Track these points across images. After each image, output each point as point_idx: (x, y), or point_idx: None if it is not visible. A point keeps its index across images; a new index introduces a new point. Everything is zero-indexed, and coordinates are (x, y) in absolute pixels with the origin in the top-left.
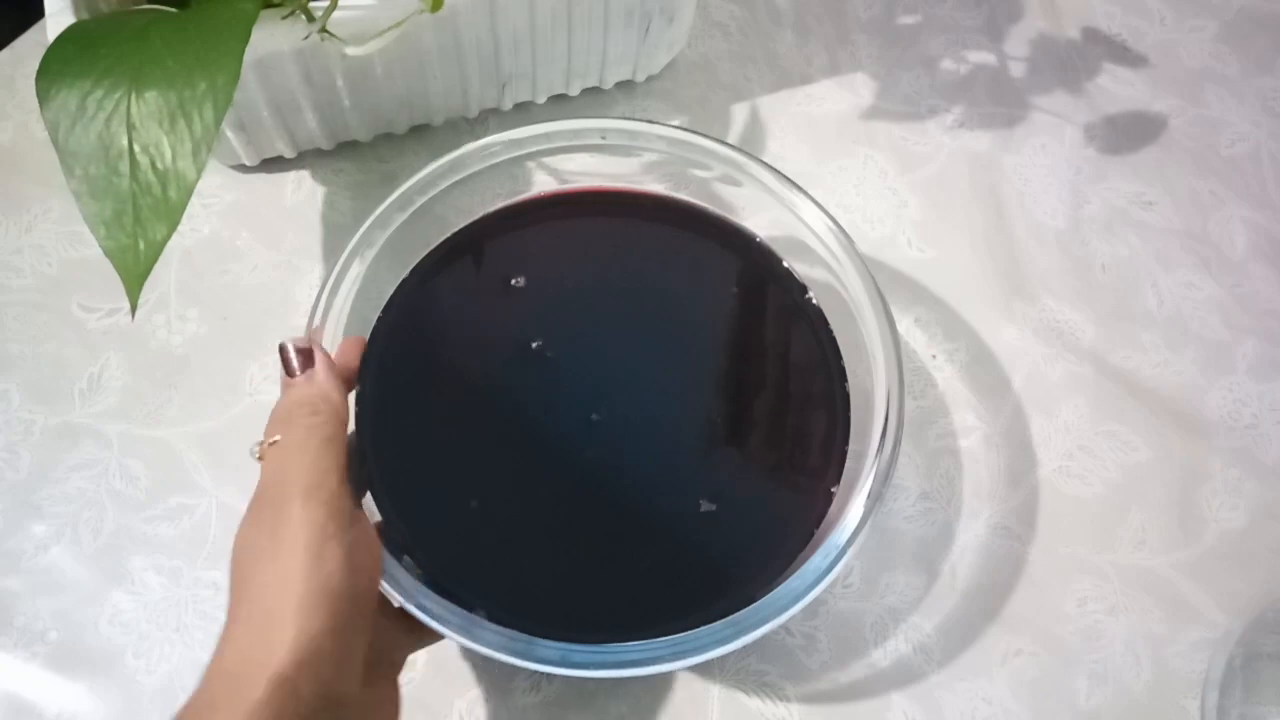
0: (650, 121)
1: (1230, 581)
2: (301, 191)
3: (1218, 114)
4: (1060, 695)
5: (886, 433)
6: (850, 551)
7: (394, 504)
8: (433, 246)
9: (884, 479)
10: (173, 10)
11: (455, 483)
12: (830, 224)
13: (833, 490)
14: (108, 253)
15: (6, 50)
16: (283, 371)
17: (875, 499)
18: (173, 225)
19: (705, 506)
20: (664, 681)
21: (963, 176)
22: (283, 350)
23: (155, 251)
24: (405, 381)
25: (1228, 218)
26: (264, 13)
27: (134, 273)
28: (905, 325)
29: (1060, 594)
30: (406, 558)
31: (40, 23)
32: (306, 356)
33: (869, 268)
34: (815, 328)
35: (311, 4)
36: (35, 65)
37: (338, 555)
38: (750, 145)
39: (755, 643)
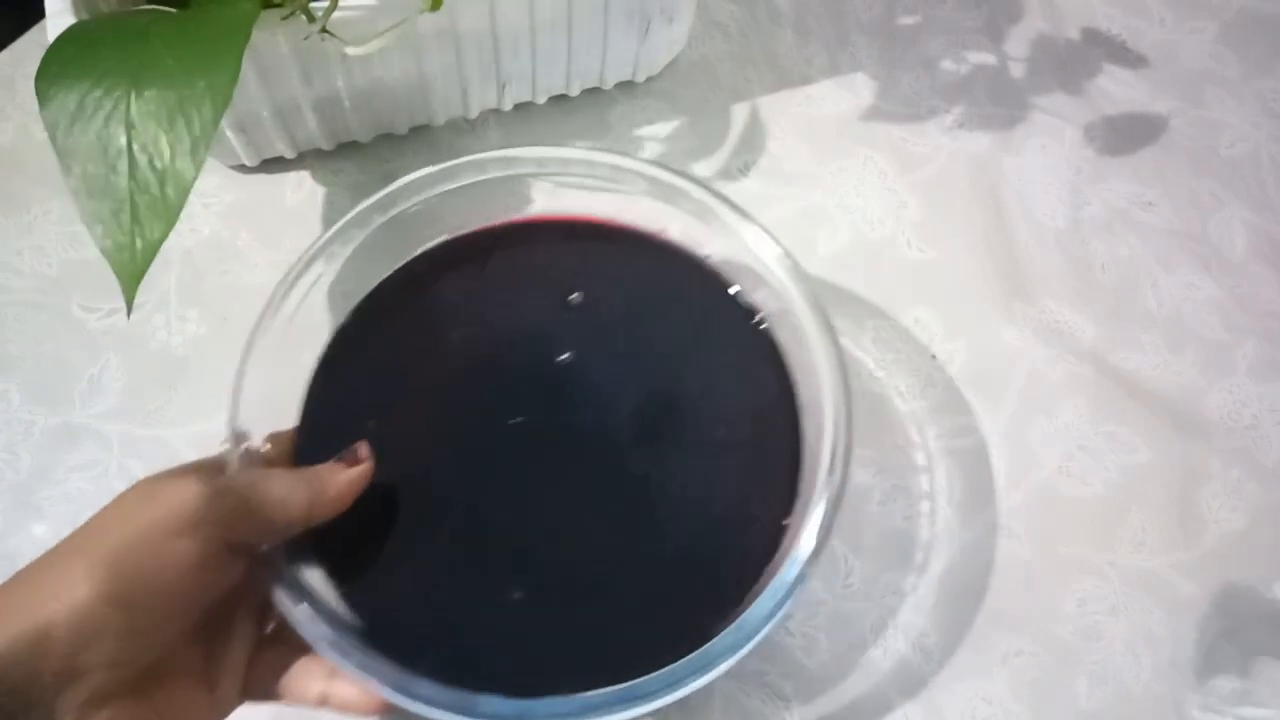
0: (608, 151)
1: (1230, 582)
2: (302, 192)
3: (1217, 115)
4: (1060, 695)
5: (835, 465)
6: (803, 585)
7: (330, 557)
8: (376, 283)
9: (834, 510)
10: (172, 10)
11: (394, 533)
12: (776, 251)
13: (785, 523)
14: (104, 251)
15: (6, 51)
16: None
17: (826, 531)
18: (170, 224)
19: (654, 548)
20: None
21: (962, 177)
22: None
23: (152, 250)
24: (343, 426)
25: (1227, 219)
26: (264, 13)
27: (130, 271)
28: (905, 325)
29: (1060, 594)
30: (347, 614)
31: (40, 23)
32: (354, 460)
33: (815, 293)
34: (767, 356)
35: (312, 4)
36: (35, 66)
37: (187, 552)
38: (750, 145)
39: (755, 642)
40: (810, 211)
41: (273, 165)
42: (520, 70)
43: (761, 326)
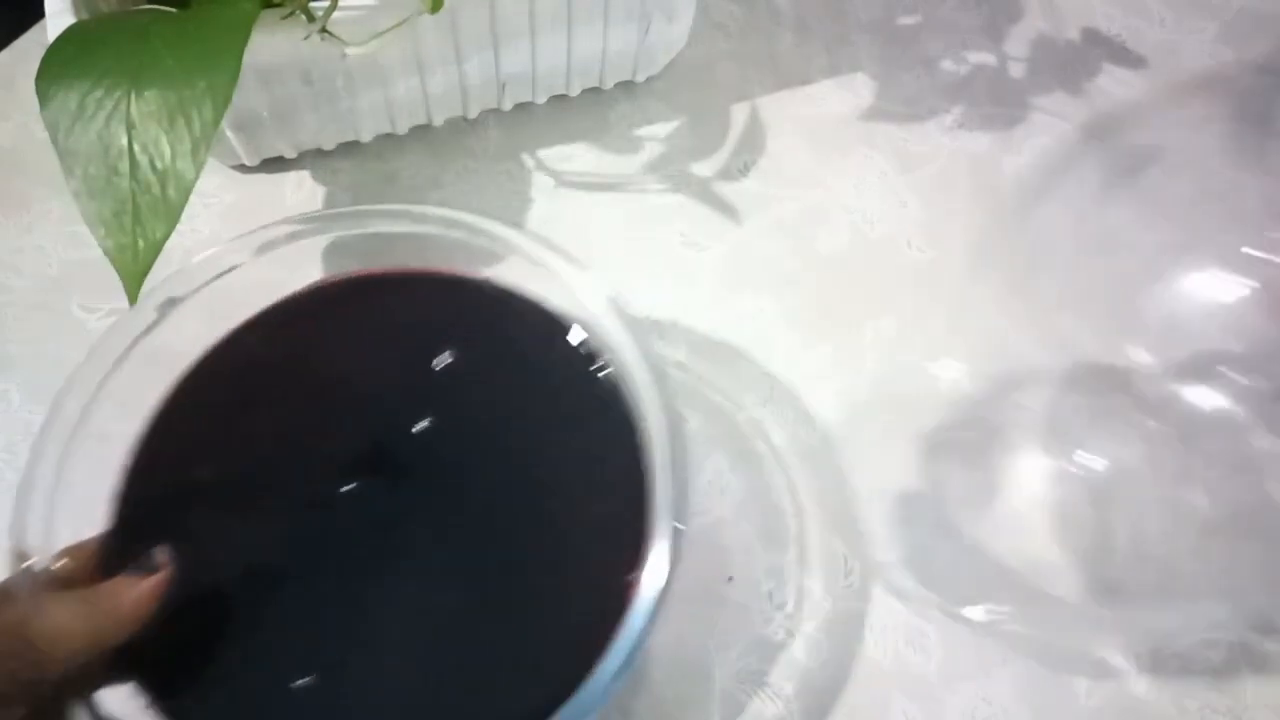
0: (416, 206)
1: (1230, 582)
2: (302, 192)
3: None
4: (1060, 695)
5: (670, 516)
6: (645, 642)
7: (144, 668)
8: (209, 347)
9: (674, 559)
10: (172, 10)
11: (217, 631)
12: (598, 294)
13: (629, 579)
14: (107, 252)
15: (6, 51)
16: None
17: (664, 586)
18: (172, 224)
19: (498, 625)
20: (662, 682)
21: (963, 177)
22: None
23: (154, 250)
24: (163, 521)
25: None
26: (264, 13)
27: (133, 271)
28: (905, 325)
29: (1060, 594)
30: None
31: (40, 23)
32: (150, 570)
33: (642, 339)
34: (608, 404)
35: (311, 4)
36: (35, 66)
37: None
38: (750, 145)
39: (754, 642)
40: (810, 212)
41: (273, 165)
42: (520, 70)
43: (605, 372)
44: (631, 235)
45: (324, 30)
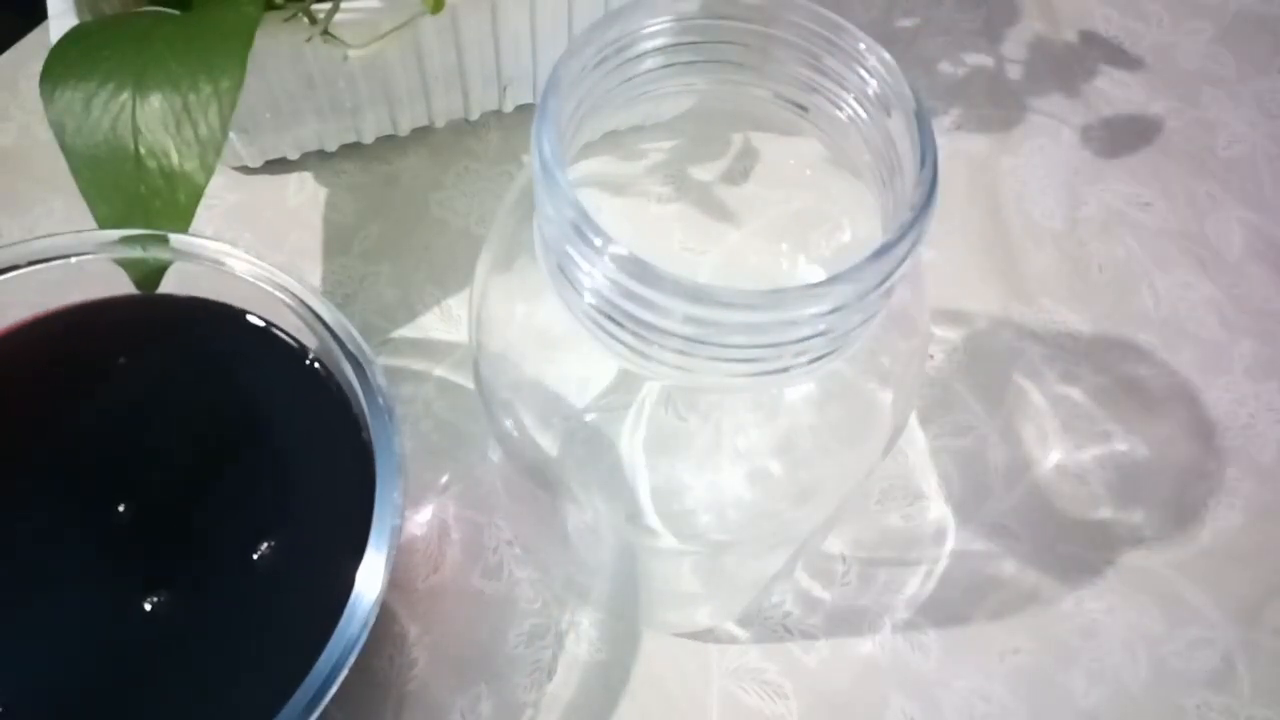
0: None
1: (1227, 581)
2: (304, 193)
3: (1214, 116)
4: (1058, 693)
5: (391, 516)
6: (357, 646)
7: None
8: None
9: (388, 559)
10: (175, 12)
11: None
12: (294, 288)
13: (353, 578)
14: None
15: (9, 52)
16: None
17: (381, 583)
18: (184, 229)
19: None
20: (661, 681)
21: (960, 178)
22: None
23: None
24: None
25: (1224, 219)
26: (265, 15)
27: (145, 275)
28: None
29: (1058, 593)
30: None
31: (43, 25)
32: None
33: (343, 324)
34: (321, 396)
35: (313, 6)
36: (38, 67)
37: None
38: (750, 148)
39: (753, 640)
40: (809, 212)
41: (275, 166)
42: (521, 72)
43: (316, 366)
44: (632, 236)
45: (326, 33)
